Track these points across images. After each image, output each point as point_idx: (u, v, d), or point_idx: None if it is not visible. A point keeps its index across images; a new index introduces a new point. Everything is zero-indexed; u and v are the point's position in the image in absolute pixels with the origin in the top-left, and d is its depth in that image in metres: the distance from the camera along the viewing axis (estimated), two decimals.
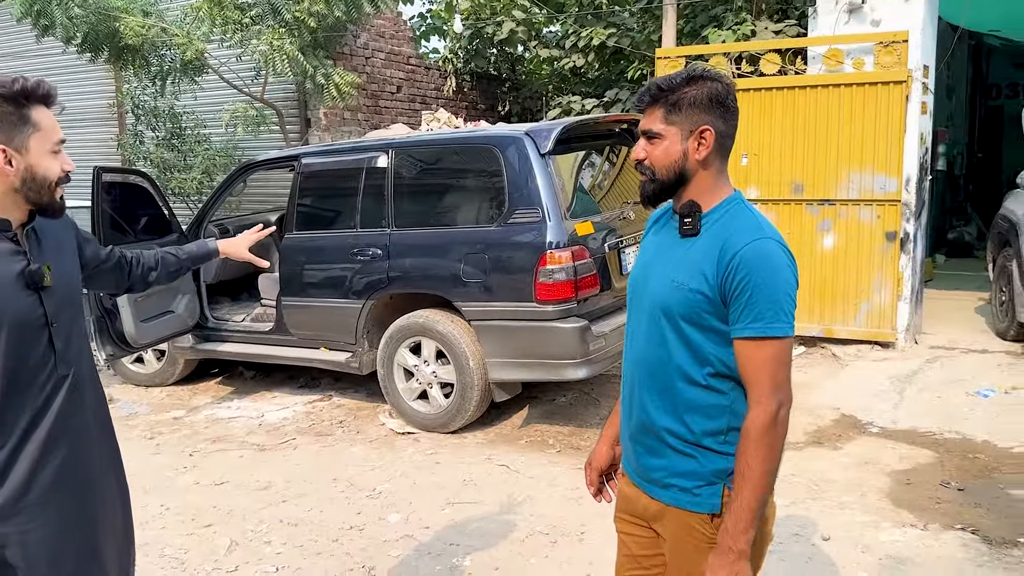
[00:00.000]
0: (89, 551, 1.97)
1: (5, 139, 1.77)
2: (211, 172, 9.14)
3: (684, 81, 1.80)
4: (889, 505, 4.08)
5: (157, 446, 5.32)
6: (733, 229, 1.77)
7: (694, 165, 1.81)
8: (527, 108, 12.22)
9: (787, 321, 1.72)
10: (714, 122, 1.79)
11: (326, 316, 5.72)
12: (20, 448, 1.82)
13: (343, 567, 3.63)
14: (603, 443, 2.17)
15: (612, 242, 5.24)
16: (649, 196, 1.89)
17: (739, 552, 1.71)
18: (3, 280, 1.79)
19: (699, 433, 1.82)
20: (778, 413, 1.72)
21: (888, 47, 6.54)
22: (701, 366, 1.80)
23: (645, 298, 1.89)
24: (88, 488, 1.97)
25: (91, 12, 7.93)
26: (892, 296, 6.70)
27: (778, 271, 1.72)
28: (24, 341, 1.81)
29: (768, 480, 1.72)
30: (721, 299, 1.74)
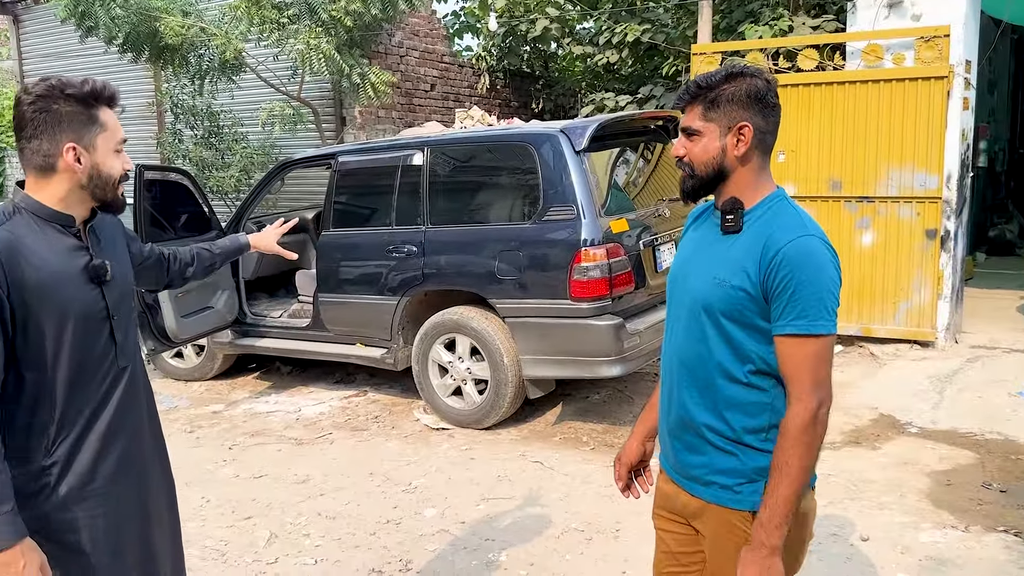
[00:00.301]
0: (145, 541, 2.03)
1: (76, 137, 1.83)
2: (248, 170, 9.25)
3: (723, 78, 1.80)
4: (929, 506, 4.03)
5: (197, 439, 5.41)
6: (776, 226, 1.76)
7: (733, 161, 1.81)
8: (560, 105, 12.21)
9: (830, 319, 1.71)
10: (752, 118, 1.79)
11: (362, 312, 5.78)
12: (84, 437, 1.87)
13: (380, 560, 3.67)
14: (634, 439, 2.17)
15: (647, 239, 5.23)
16: (688, 192, 1.90)
17: (772, 547, 1.71)
18: (69, 274, 1.84)
19: (740, 430, 1.81)
20: (818, 411, 1.71)
21: (929, 42, 6.44)
22: (742, 363, 1.79)
23: (685, 294, 1.89)
24: (143, 479, 2.03)
25: (132, 12, 8.07)
26: (932, 295, 6.60)
27: (821, 268, 1.71)
28: (89, 333, 1.87)
29: (805, 477, 1.71)
30: (763, 296, 1.74)
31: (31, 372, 1.79)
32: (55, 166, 1.84)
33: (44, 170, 1.84)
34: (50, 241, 1.84)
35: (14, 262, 1.74)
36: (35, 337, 1.78)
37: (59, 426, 1.84)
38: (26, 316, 1.76)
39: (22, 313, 1.75)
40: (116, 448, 1.94)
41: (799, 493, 1.71)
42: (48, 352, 1.81)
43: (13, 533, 1.70)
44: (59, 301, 1.81)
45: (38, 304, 1.77)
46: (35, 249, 1.80)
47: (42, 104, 1.80)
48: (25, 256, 1.77)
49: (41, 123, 1.80)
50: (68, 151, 1.82)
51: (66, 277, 1.84)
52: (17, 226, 1.80)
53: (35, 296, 1.77)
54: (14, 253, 1.75)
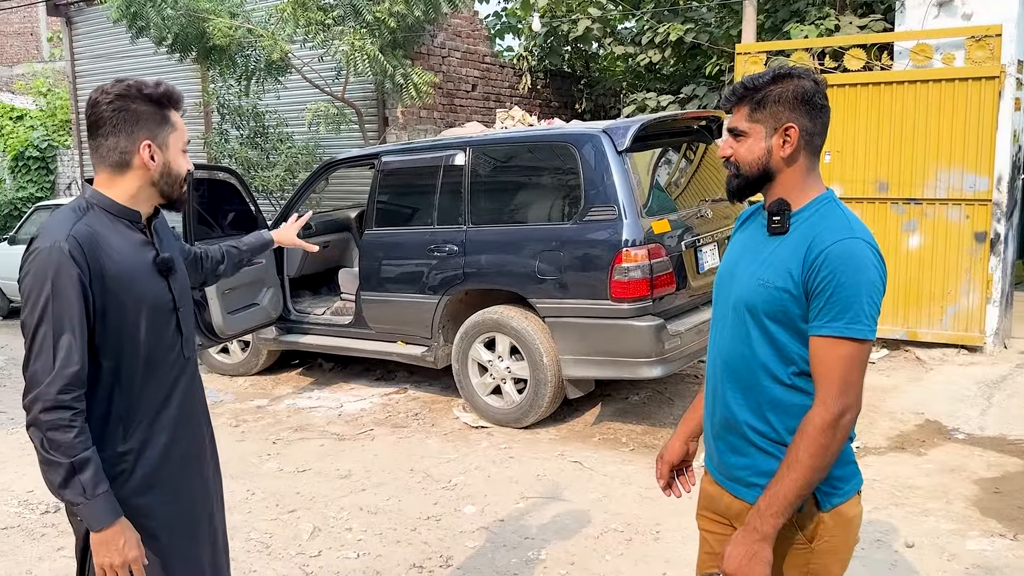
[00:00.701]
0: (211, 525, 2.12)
1: (151, 136, 1.91)
2: (293, 170, 9.39)
3: (770, 79, 1.80)
4: (976, 513, 3.96)
5: (242, 433, 5.51)
6: (822, 227, 1.74)
7: (779, 162, 1.81)
8: (600, 105, 12.19)
9: (867, 324, 1.68)
10: (799, 119, 1.78)
11: (403, 311, 5.84)
12: (155, 424, 1.95)
13: (421, 556, 3.72)
14: (677, 438, 2.16)
15: (689, 240, 5.21)
16: (734, 192, 1.89)
17: (763, 534, 1.70)
18: (141, 267, 1.92)
19: (783, 432, 1.80)
20: (841, 417, 1.68)
21: (980, 41, 6.32)
22: (786, 365, 1.78)
23: (731, 295, 1.89)
24: (206, 466, 2.13)
25: (182, 13, 8.24)
26: (980, 299, 6.47)
27: (863, 271, 1.68)
28: (159, 325, 1.95)
29: (813, 477, 1.69)
30: (805, 297, 1.73)
31: (108, 360, 1.86)
32: (130, 163, 1.92)
33: (119, 167, 1.92)
34: (122, 235, 1.92)
35: (94, 254, 1.82)
36: (112, 327, 1.86)
37: (133, 414, 1.91)
38: (105, 306, 1.84)
39: (101, 303, 1.83)
40: (184, 436, 2.02)
41: (802, 492, 1.69)
42: (124, 342, 1.88)
43: (112, 512, 1.80)
44: (134, 292, 1.89)
45: (115, 295, 1.85)
46: (111, 242, 1.87)
47: (120, 103, 1.88)
48: (104, 248, 1.85)
49: (119, 121, 1.88)
50: (144, 148, 1.90)
51: (139, 270, 1.92)
52: (93, 220, 1.88)
53: (113, 287, 1.84)
54: (94, 245, 1.83)
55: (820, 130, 1.81)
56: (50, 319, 1.77)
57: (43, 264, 1.78)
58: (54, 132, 15.37)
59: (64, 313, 1.77)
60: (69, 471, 1.75)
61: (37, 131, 15.09)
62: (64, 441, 1.74)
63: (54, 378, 1.75)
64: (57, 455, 1.74)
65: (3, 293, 10.43)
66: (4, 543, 3.98)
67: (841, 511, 1.79)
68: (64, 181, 14.30)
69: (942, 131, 6.45)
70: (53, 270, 1.77)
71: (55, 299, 1.77)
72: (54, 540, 3.97)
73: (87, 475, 1.76)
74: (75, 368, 1.77)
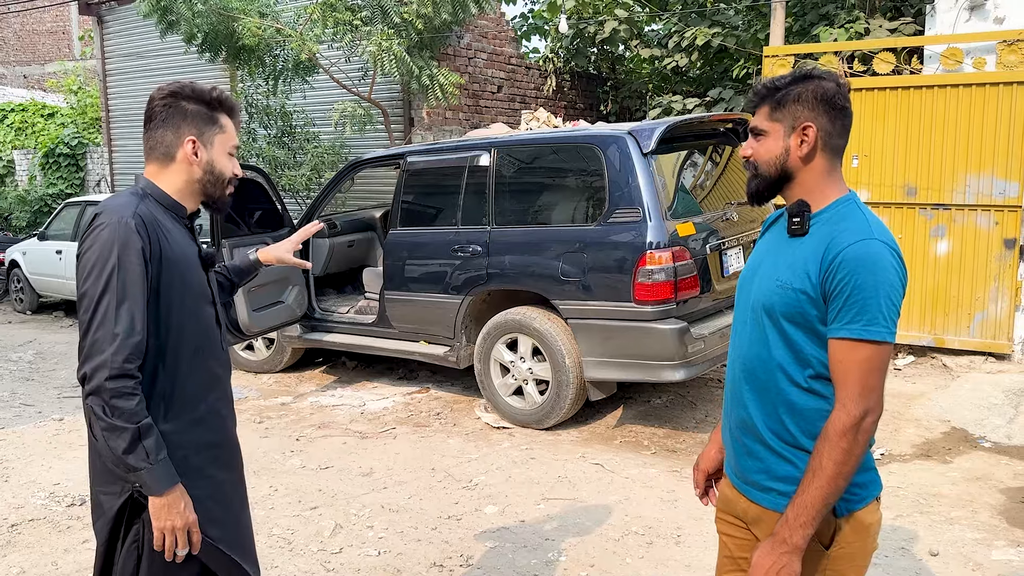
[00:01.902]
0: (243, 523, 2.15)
1: (197, 132, 2.00)
2: (319, 169, 9.45)
3: (792, 80, 1.81)
4: (1003, 523, 3.91)
5: (266, 430, 5.56)
6: (841, 229, 1.73)
7: (796, 162, 1.80)
8: (626, 107, 12.16)
9: (886, 326, 1.66)
10: (817, 119, 1.78)
11: (426, 310, 5.86)
12: (194, 412, 2.00)
13: (442, 554, 3.73)
14: (712, 445, 2.16)
15: (714, 243, 5.19)
16: (753, 193, 1.90)
17: (793, 546, 1.68)
18: (191, 256, 2.01)
19: (799, 436, 1.79)
20: (863, 420, 1.66)
21: (1012, 46, 6.24)
22: (802, 368, 1.77)
23: (750, 297, 1.89)
24: (239, 462, 2.18)
25: (211, 12, 8.31)
26: (1009, 306, 6.38)
27: (882, 273, 1.67)
28: (203, 314, 2.02)
29: (838, 484, 1.67)
30: (823, 299, 1.72)
31: (157, 339, 1.92)
32: (174, 156, 2.00)
33: (165, 159, 2.01)
34: (173, 224, 2.01)
35: (156, 234, 1.91)
36: (164, 307, 1.93)
37: (174, 396, 1.96)
38: (160, 285, 1.91)
39: (156, 282, 1.91)
40: (220, 428, 2.07)
41: (828, 499, 1.68)
42: (173, 323, 1.94)
43: (173, 477, 1.88)
44: (186, 279, 1.97)
45: (171, 277, 1.93)
46: (167, 227, 1.96)
47: (171, 100, 1.99)
48: (163, 232, 1.94)
49: (168, 116, 1.99)
50: (188, 142, 1.99)
51: (190, 259, 2.01)
52: (150, 206, 1.97)
53: (169, 269, 1.93)
54: (155, 226, 1.92)
55: (840, 131, 1.81)
56: (115, 289, 1.83)
57: (110, 237, 1.85)
58: (84, 129, 15.59)
59: (128, 284, 1.84)
60: (135, 436, 1.81)
61: (68, 128, 15.31)
62: (128, 408, 1.81)
63: (120, 347, 1.81)
64: (122, 421, 1.81)
65: (32, 288, 10.60)
66: (31, 535, 4.04)
67: (858, 517, 1.78)
68: (94, 178, 14.49)
69: (972, 136, 6.38)
70: (120, 243, 1.84)
71: (120, 270, 1.83)
72: (79, 532, 4.03)
73: (150, 441, 1.83)
74: (138, 338, 1.84)
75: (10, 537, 4.01)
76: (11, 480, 4.74)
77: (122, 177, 13.45)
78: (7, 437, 5.52)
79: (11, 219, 14.26)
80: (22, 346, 8.69)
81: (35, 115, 17.05)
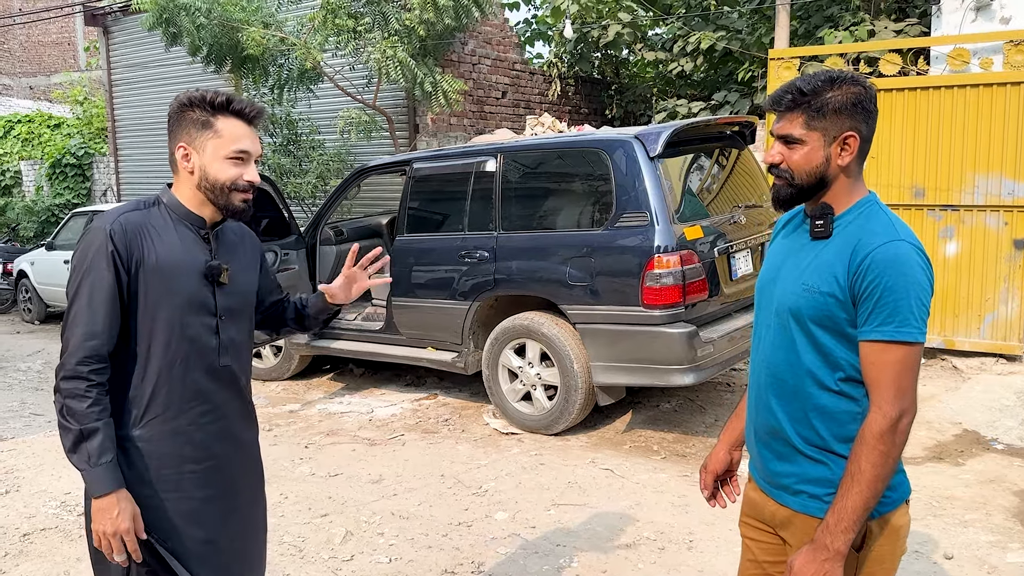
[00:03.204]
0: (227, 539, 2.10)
1: (188, 139, 2.00)
2: (325, 177, 9.48)
3: (826, 85, 1.75)
4: (1017, 525, 3.88)
5: (275, 437, 5.56)
6: (867, 231, 1.73)
7: (836, 171, 1.78)
8: (630, 112, 12.16)
9: (918, 327, 1.67)
10: (858, 127, 1.75)
11: (433, 316, 5.86)
12: (172, 422, 1.98)
13: (453, 561, 3.72)
14: (721, 447, 2.14)
15: (722, 247, 5.17)
16: (785, 200, 1.85)
17: (835, 551, 1.68)
18: (188, 266, 2.00)
19: (830, 439, 1.78)
20: (899, 421, 1.66)
21: (1019, 45, 6.22)
22: (832, 371, 1.76)
23: (774, 301, 1.87)
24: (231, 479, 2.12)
25: (215, 24, 8.34)
26: (1020, 307, 6.35)
27: (911, 274, 1.67)
28: (192, 326, 1.99)
29: (877, 487, 1.67)
30: (852, 301, 1.71)
31: (129, 344, 1.95)
32: (175, 164, 2.03)
33: (174, 168, 2.05)
34: (180, 234, 2.01)
35: (136, 241, 1.93)
36: (140, 314, 1.95)
37: (147, 405, 1.96)
38: (138, 292, 1.94)
39: (135, 288, 1.93)
40: (202, 444, 2.02)
41: (869, 503, 1.67)
42: (155, 331, 1.95)
43: (113, 481, 1.88)
44: (172, 288, 1.97)
45: (154, 286, 1.95)
46: (163, 237, 1.98)
47: (179, 109, 2.01)
48: (152, 238, 1.96)
49: (172, 126, 2.03)
50: (178, 150, 2.01)
51: (184, 268, 1.99)
52: (153, 215, 2.00)
53: (152, 277, 1.94)
54: (139, 233, 1.94)
55: (870, 136, 1.79)
56: (84, 294, 1.89)
57: (88, 243, 1.92)
58: (90, 140, 15.66)
59: (95, 289, 1.89)
60: (78, 437, 1.86)
61: (74, 139, 15.39)
62: (78, 410, 1.86)
63: (76, 349, 1.87)
64: (70, 421, 1.86)
65: (41, 298, 10.63)
66: (42, 544, 4.04)
67: (888, 520, 1.77)
68: (100, 188, 14.54)
69: (980, 136, 6.35)
70: (94, 248, 1.90)
71: (88, 275, 1.90)
72: None
73: (94, 444, 1.86)
74: (96, 342, 1.88)
75: (22, 547, 4.01)
76: (22, 490, 4.75)
77: (128, 186, 13.49)
78: (18, 447, 5.53)
79: (19, 229, 14.32)
80: (31, 356, 8.71)
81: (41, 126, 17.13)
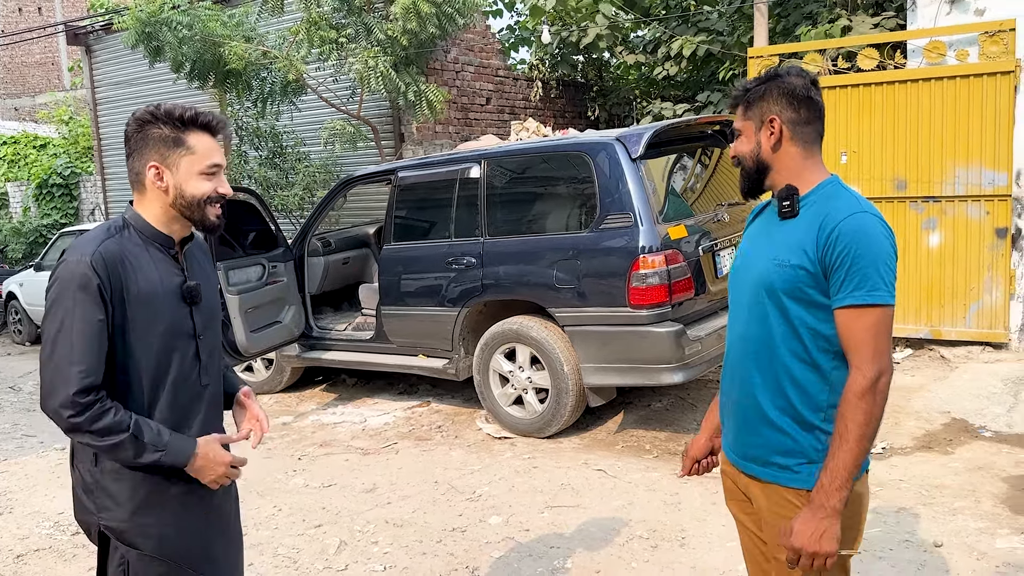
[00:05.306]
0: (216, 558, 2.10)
1: (159, 158, 1.97)
2: (311, 188, 9.48)
3: (759, 81, 1.96)
4: (1006, 511, 3.92)
5: (268, 450, 5.56)
6: (832, 207, 1.84)
7: (768, 153, 1.94)
8: (615, 115, 12.20)
9: (887, 290, 1.78)
10: (782, 112, 1.91)
11: (423, 324, 5.88)
12: None
13: (447, 567, 3.73)
14: (703, 434, 2.27)
15: (706, 245, 5.21)
16: (745, 189, 2.03)
17: (831, 509, 1.77)
18: (167, 290, 1.98)
19: (800, 409, 1.88)
20: (878, 380, 1.76)
21: (994, 36, 6.29)
22: (803, 341, 1.86)
23: (747, 280, 1.98)
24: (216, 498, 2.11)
25: (197, 39, 8.34)
26: (1004, 295, 6.41)
27: (877, 242, 1.78)
28: (176, 350, 1.98)
29: (863, 444, 1.77)
30: (823, 273, 1.82)
31: (123, 376, 1.92)
32: (144, 183, 1.99)
33: (138, 187, 2.01)
34: (153, 258, 1.98)
35: (117, 272, 1.89)
36: (130, 346, 1.91)
37: None
38: (124, 324, 1.90)
39: (120, 320, 1.89)
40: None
41: (858, 460, 1.77)
42: (140, 361, 1.93)
43: (188, 444, 1.94)
44: (155, 315, 1.94)
45: (136, 315, 1.91)
46: (140, 263, 1.94)
47: (138, 127, 1.98)
48: (132, 267, 1.92)
49: (136, 144, 1.98)
50: (150, 169, 1.97)
51: (163, 293, 1.97)
52: (126, 240, 1.96)
53: (134, 307, 1.91)
54: (119, 263, 1.90)
55: (806, 119, 1.92)
56: (70, 328, 1.84)
57: (68, 276, 1.86)
58: (77, 159, 15.65)
59: (86, 324, 1.84)
60: (132, 441, 1.85)
61: (60, 159, 15.37)
62: (110, 425, 1.84)
63: (73, 382, 1.81)
64: (114, 436, 1.84)
65: (31, 319, 10.60)
66: (37, 564, 4.04)
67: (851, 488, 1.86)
68: (87, 207, 14.53)
69: (959, 128, 6.42)
70: (76, 282, 1.85)
71: (76, 309, 1.84)
72: (85, 561, 4.02)
73: (148, 434, 1.87)
74: (91, 379, 1.84)
75: (16, 568, 4.01)
76: (15, 511, 4.74)
77: (116, 205, 13.48)
78: (10, 468, 5.52)
79: (7, 251, 14.29)
80: (22, 377, 8.69)
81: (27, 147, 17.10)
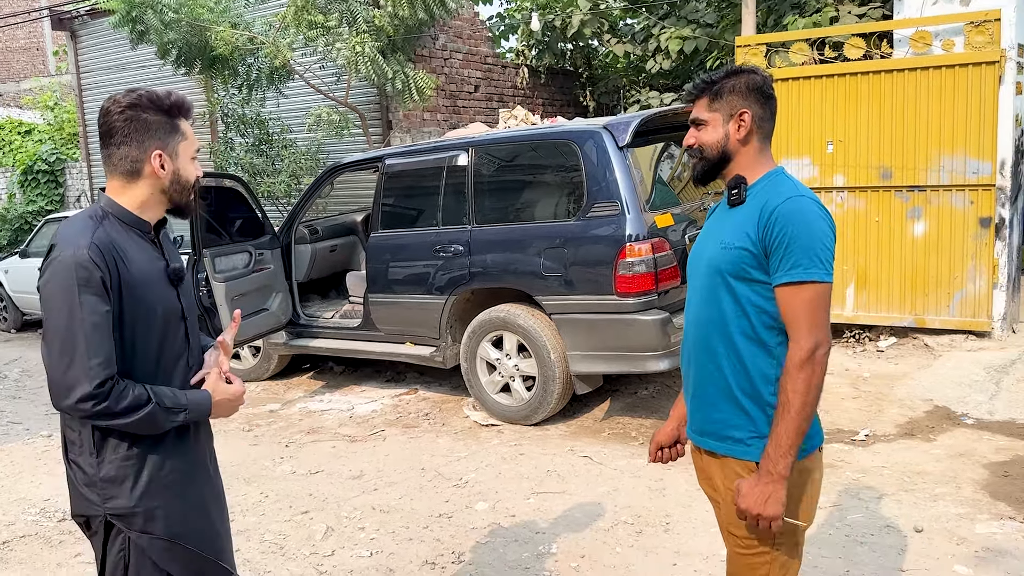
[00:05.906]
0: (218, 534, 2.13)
1: (162, 144, 1.95)
2: (298, 175, 9.45)
3: (724, 74, 2.08)
4: (986, 497, 3.97)
5: (255, 438, 5.56)
6: (773, 192, 1.97)
7: (735, 144, 2.05)
8: (603, 104, 12.19)
9: (823, 268, 1.88)
10: (751, 106, 2.03)
11: (411, 312, 5.88)
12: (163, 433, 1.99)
13: (434, 552, 3.75)
14: (670, 422, 2.35)
15: (692, 233, 5.23)
16: (699, 176, 2.13)
17: (778, 475, 1.87)
18: (154, 275, 1.97)
19: (752, 385, 1.98)
20: (815, 352, 1.87)
21: (979, 26, 6.31)
22: (750, 319, 1.97)
23: (701, 265, 2.08)
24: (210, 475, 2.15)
25: (183, 23, 8.27)
26: (987, 284, 6.46)
27: (813, 223, 1.90)
28: (169, 333, 1.99)
29: (806, 411, 1.86)
30: (764, 253, 1.93)
31: (122, 365, 1.89)
32: (141, 171, 1.95)
33: (131, 175, 1.96)
34: (136, 244, 1.96)
35: (114, 261, 1.86)
36: (128, 334, 1.90)
37: None
38: (122, 312, 1.88)
39: (119, 309, 1.88)
40: (189, 445, 2.05)
41: (799, 429, 1.87)
42: (138, 349, 1.92)
43: (203, 397, 2.00)
44: (149, 300, 1.93)
45: (132, 302, 1.90)
46: (127, 250, 1.92)
47: (131, 113, 1.92)
48: (121, 256, 1.89)
49: (130, 131, 1.92)
50: (155, 157, 1.94)
51: (153, 277, 1.96)
52: (109, 228, 1.91)
53: (130, 294, 1.89)
54: (113, 252, 1.87)
55: (769, 116, 2.06)
56: (81, 323, 1.80)
57: (68, 270, 1.81)
58: (62, 145, 15.51)
59: (94, 316, 1.81)
60: (159, 411, 1.89)
61: (45, 145, 15.23)
62: (132, 403, 1.85)
63: (92, 377, 1.79)
64: (141, 411, 1.87)
65: (16, 306, 10.54)
66: (23, 551, 4.04)
67: (802, 464, 1.97)
68: (73, 194, 14.42)
69: (944, 117, 6.45)
70: (79, 276, 1.81)
71: (83, 303, 1.81)
72: (71, 547, 4.03)
73: (169, 399, 1.92)
74: (109, 370, 1.83)
75: (2, 554, 4.00)
76: (1, 498, 4.73)
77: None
78: None
79: None
80: (7, 364, 8.65)
81: (12, 133, 16.94)
